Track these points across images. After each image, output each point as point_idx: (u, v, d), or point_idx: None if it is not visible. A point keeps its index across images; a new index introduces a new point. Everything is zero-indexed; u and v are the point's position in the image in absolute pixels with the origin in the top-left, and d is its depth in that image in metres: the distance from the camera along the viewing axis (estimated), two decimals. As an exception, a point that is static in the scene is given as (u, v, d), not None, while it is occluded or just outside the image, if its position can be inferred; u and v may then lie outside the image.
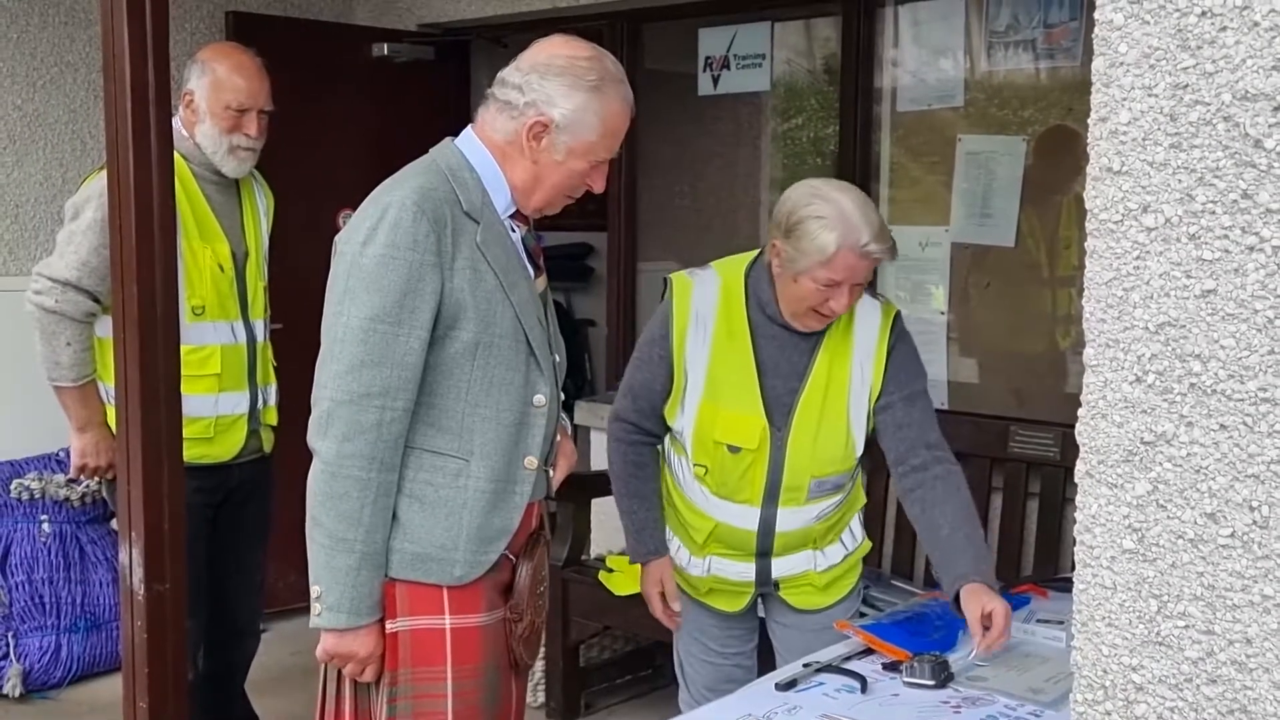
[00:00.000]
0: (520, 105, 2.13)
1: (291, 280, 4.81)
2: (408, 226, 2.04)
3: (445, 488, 2.13)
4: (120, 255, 2.61)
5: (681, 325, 2.61)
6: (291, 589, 4.95)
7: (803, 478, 2.59)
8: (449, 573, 2.14)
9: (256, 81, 3.24)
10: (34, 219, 4.69)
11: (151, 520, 2.62)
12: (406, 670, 2.13)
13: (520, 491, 2.19)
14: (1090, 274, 1.25)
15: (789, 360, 2.59)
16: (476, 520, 2.14)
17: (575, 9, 4.76)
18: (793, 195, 2.51)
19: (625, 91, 2.18)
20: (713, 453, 2.60)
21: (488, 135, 2.18)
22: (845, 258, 2.42)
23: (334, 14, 5.35)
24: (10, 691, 4.18)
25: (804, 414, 2.57)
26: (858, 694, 2.21)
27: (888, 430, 2.62)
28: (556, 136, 2.13)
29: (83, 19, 4.74)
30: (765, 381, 2.58)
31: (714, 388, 2.59)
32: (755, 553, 2.64)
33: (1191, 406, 1.19)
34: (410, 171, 2.17)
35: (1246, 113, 1.13)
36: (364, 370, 2.04)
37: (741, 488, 2.60)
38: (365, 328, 2.05)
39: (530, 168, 2.16)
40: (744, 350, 2.59)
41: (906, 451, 2.60)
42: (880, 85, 4.31)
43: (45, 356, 3.15)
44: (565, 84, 2.11)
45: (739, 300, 2.61)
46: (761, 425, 2.56)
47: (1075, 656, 1.30)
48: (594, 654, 4.27)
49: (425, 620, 2.14)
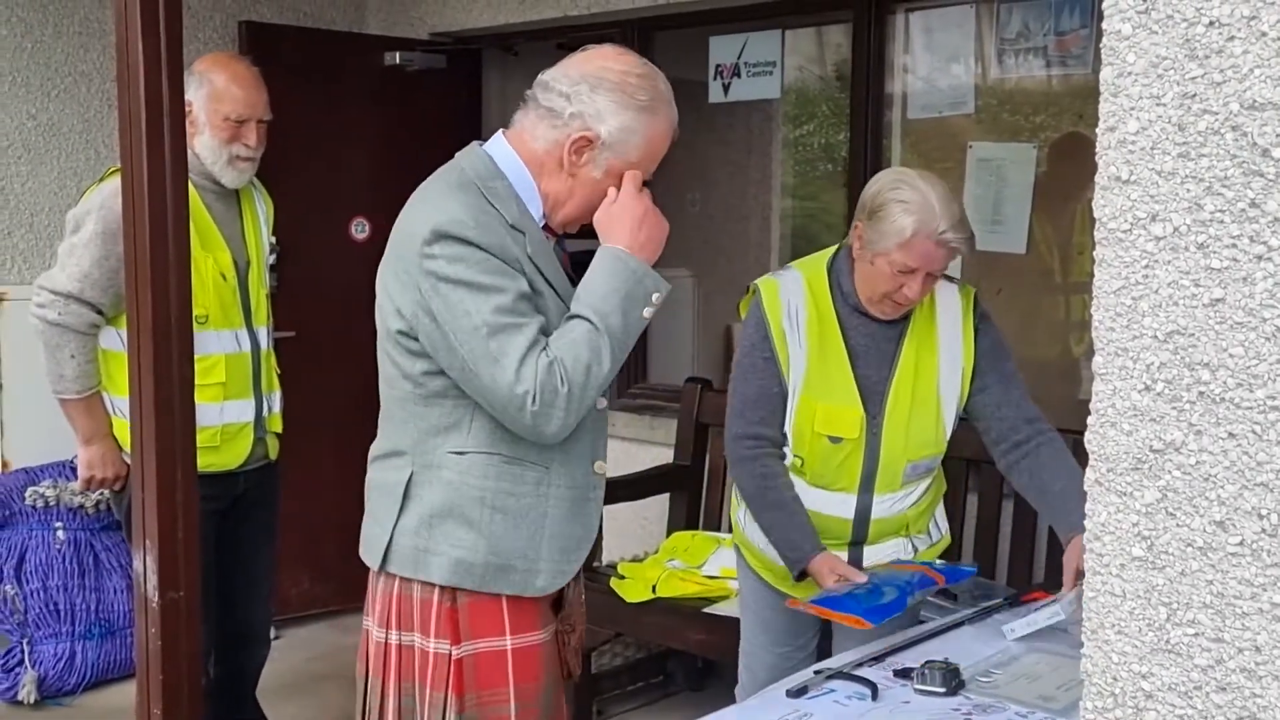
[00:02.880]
0: (565, 115, 2.06)
1: (304, 287, 4.86)
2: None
3: (526, 496, 2.10)
4: (134, 263, 2.62)
5: (778, 324, 2.66)
6: (303, 595, 4.97)
7: (899, 463, 2.66)
8: (531, 584, 2.12)
9: (254, 91, 3.24)
10: (48, 228, 4.71)
11: (165, 527, 2.62)
12: (472, 695, 2.11)
13: (594, 498, 2.18)
14: (1099, 283, 1.25)
15: (878, 348, 2.66)
16: (559, 529, 2.13)
17: (586, 17, 4.77)
18: (881, 179, 2.61)
19: (673, 114, 2.13)
20: (812, 445, 2.66)
21: (524, 143, 2.11)
22: (922, 243, 2.49)
23: (346, 23, 5.38)
24: (25, 698, 4.19)
25: (897, 400, 2.65)
26: (868, 701, 2.21)
27: (987, 410, 2.70)
28: (599, 153, 2.07)
29: (97, 29, 4.77)
30: (858, 371, 2.65)
31: (812, 381, 2.65)
32: (850, 541, 2.70)
33: (1200, 415, 1.19)
34: (442, 188, 2.09)
35: (1254, 122, 1.14)
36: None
37: (839, 476, 2.67)
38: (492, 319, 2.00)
39: (567, 181, 2.10)
40: (836, 342, 2.66)
41: (1009, 430, 2.69)
42: (891, 92, 4.32)
43: (49, 369, 3.16)
44: (616, 100, 2.05)
45: (825, 294, 2.68)
46: (860, 415, 2.63)
47: (1085, 664, 1.30)
48: (606, 661, 4.27)
49: (486, 643, 2.12)
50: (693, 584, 3.85)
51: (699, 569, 3.92)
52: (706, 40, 4.73)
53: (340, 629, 4.84)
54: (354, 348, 4.20)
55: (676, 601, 3.81)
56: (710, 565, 3.92)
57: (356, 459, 2.36)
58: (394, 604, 2.16)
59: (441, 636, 2.12)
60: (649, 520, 4.60)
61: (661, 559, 4.06)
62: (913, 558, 2.76)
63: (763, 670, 2.84)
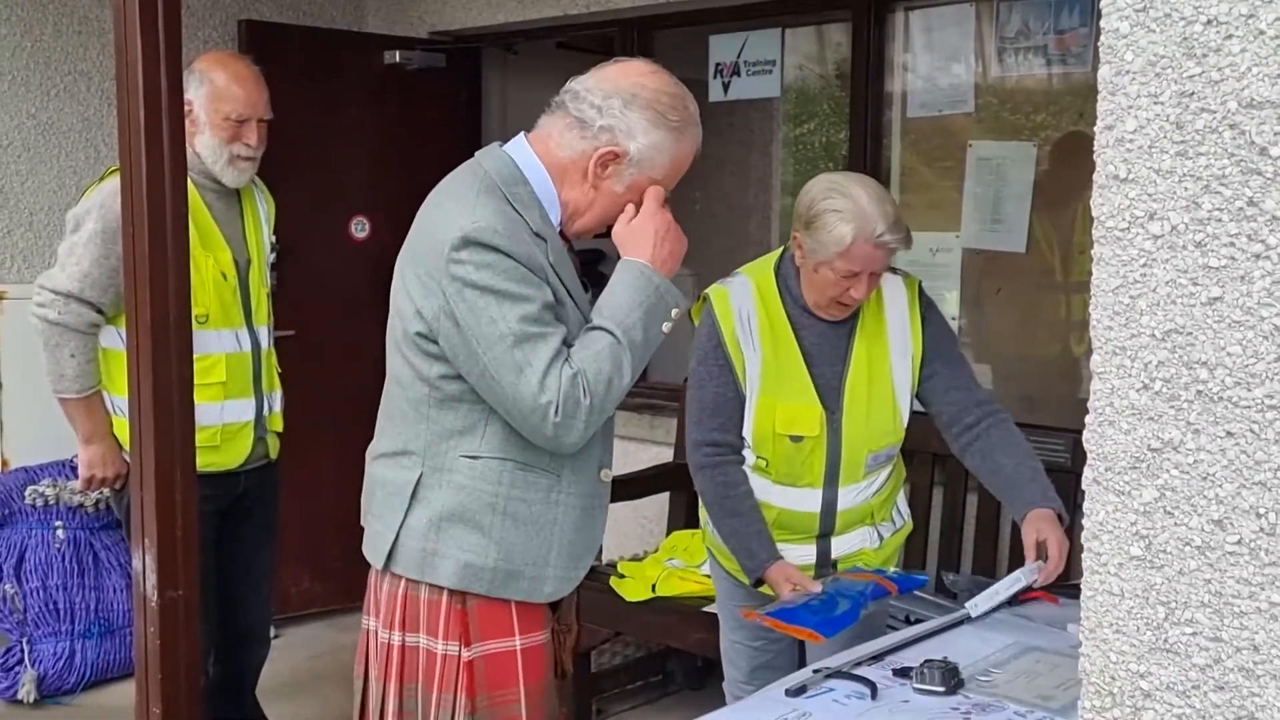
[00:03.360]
0: (595, 128, 2.07)
1: (304, 286, 4.85)
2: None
3: (538, 504, 2.12)
4: (133, 262, 2.62)
5: (730, 331, 2.70)
6: (304, 595, 4.97)
7: (860, 454, 2.71)
8: (539, 590, 2.14)
9: (255, 91, 3.23)
10: (48, 227, 4.71)
11: (165, 526, 2.62)
12: (484, 696, 2.13)
13: (601, 505, 2.21)
14: (1097, 281, 1.25)
15: (830, 346, 2.71)
16: (568, 536, 2.15)
17: (586, 16, 4.77)
18: (812, 189, 2.62)
19: (699, 135, 2.16)
20: (774, 446, 2.71)
21: (549, 149, 2.11)
22: (862, 248, 2.54)
23: (346, 22, 5.37)
24: (25, 697, 4.19)
25: (853, 395, 2.70)
26: (868, 700, 2.21)
27: (936, 395, 2.76)
28: (625, 168, 2.09)
29: (96, 27, 4.76)
30: (813, 370, 2.70)
31: (769, 383, 2.69)
32: (818, 534, 2.75)
33: (1198, 413, 1.19)
34: (468, 192, 2.08)
35: (1252, 120, 1.14)
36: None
37: (803, 473, 2.72)
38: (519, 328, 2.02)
39: (589, 192, 2.12)
40: (789, 343, 2.70)
41: (960, 412, 2.75)
42: (891, 91, 4.31)
43: (50, 369, 3.15)
44: (649, 119, 2.07)
45: (774, 297, 2.72)
46: (819, 412, 2.68)
47: (1083, 663, 1.30)
48: (605, 660, 4.27)
49: (496, 644, 2.13)
50: (692, 583, 3.85)
51: (698, 568, 3.92)
52: (706, 39, 4.72)
53: (340, 628, 4.84)
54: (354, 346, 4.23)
55: (676, 600, 3.81)
56: (709, 564, 3.92)
57: (357, 458, 2.35)
58: (399, 605, 2.16)
59: (451, 639, 2.12)
60: (648, 519, 4.60)
61: (661, 558, 4.06)
62: (879, 546, 2.80)
63: (744, 662, 2.90)
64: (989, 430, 2.72)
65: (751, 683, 2.80)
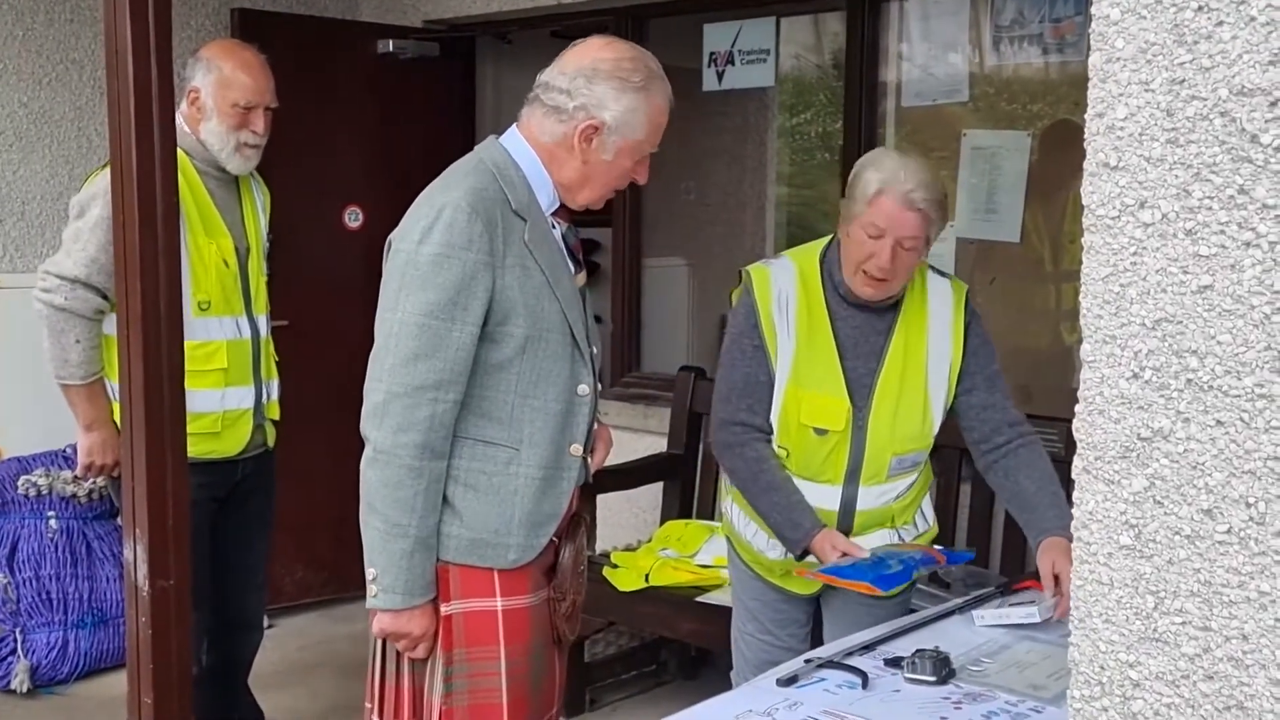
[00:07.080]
0: (570, 109, 2.20)
1: (296, 276, 4.83)
2: (462, 226, 2.12)
3: (498, 475, 2.22)
4: (124, 252, 2.61)
5: (767, 312, 2.67)
6: (297, 584, 4.97)
7: (884, 456, 2.67)
8: (503, 557, 2.24)
9: (262, 79, 3.24)
10: (40, 216, 4.70)
11: (156, 516, 2.62)
12: (461, 650, 2.24)
13: (567, 478, 2.29)
14: (1087, 270, 1.25)
15: (867, 340, 2.67)
16: (528, 506, 2.24)
17: (580, 4, 4.75)
18: (864, 157, 2.67)
19: (667, 88, 2.27)
20: (797, 436, 2.67)
21: (535, 137, 2.26)
22: (888, 202, 2.52)
23: (339, 10, 5.35)
24: (18, 687, 4.19)
25: (883, 393, 2.65)
26: (859, 690, 2.21)
27: (971, 411, 2.72)
28: (607, 137, 2.22)
29: (88, 16, 4.74)
30: (845, 364, 2.66)
31: (799, 372, 2.66)
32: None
33: (1188, 402, 1.19)
34: (460, 171, 2.24)
35: (1243, 108, 1.13)
36: (418, 363, 2.12)
37: (824, 469, 2.68)
38: (420, 323, 2.12)
39: (580, 168, 2.25)
40: (825, 333, 2.67)
41: (991, 432, 2.70)
42: (885, 80, 4.31)
43: (53, 355, 3.15)
44: (614, 87, 2.20)
45: (817, 284, 2.69)
46: (846, 407, 2.64)
47: (1072, 653, 1.30)
48: (599, 649, 4.28)
49: (478, 603, 2.24)
50: (686, 573, 3.85)
51: (692, 558, 3.92)
52: (700, 28, 4.71)
53: (333, 618, 4.84)
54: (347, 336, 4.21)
55: (669, 590, 3.81)
56: (703, 554, 3.92)
57: (349, 448, 2.36)
58: None
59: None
60: (642, 509, 4.60)
61: (654, 548, 4.06)
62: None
63: (754, 655, 2.87)
64: (1017, 450, 2.68)
65: (758, 674, 2.78)
